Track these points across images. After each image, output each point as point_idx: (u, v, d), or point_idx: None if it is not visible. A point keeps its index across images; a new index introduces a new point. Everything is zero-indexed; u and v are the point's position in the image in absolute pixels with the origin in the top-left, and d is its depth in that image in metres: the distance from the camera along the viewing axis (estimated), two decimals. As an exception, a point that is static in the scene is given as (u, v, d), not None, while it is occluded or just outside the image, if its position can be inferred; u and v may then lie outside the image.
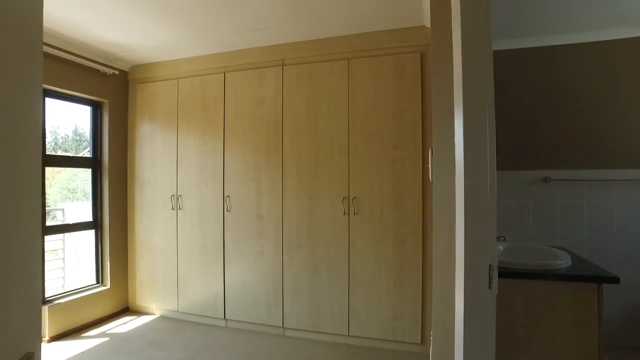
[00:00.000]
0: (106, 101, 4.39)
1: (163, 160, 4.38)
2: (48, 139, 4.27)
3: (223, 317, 4.11)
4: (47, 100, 3.92)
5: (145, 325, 4.22)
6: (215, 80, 4.17)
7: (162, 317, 4.41)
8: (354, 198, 3.61)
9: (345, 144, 3.65)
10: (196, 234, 4.22)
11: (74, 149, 4.83)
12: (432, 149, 2.09)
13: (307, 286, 3.77)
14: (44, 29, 3.55)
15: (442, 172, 2.00)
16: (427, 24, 3.15)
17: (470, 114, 1.32)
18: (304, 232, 3.79)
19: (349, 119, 3.64)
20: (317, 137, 3.75)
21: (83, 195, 4.59)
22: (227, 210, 4.07)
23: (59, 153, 4.55)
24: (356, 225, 3.62)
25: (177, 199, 4.29)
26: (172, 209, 4.32)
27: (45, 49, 3.67)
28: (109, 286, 4.40)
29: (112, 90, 4.43)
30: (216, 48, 4.03)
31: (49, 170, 4.52)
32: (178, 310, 4.33)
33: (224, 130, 4.10)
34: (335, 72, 3.70)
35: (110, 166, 4.41)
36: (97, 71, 4.21)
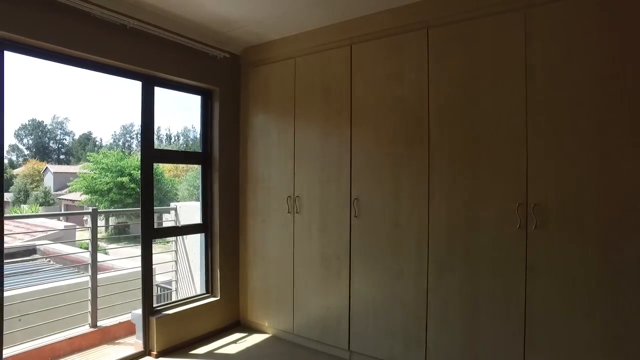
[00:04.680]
0: (216, 89, 3.89)
1: (278, 155, 3.75)
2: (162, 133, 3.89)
3: (347, 348, 3.33)
4: (157, 89, 3.51)
5: (257, 347, 3.62)
6: (338, 56, 3.40)
7: (275, 338, 3.78)
8: (535, 205, 2.55)
9: (519, 130, 2.60)
10: (316, 243, 3.50)
11: (186, 143, 4.47)
12: None
13: (460, 323, 2.81)
14: (148, 7, 3.09)
15: None
16: None
17: None
18: (458, 250, 2.83)
19: (527, 94, 2.58)
20: (477, 122, 2.76)
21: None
22: (355, 216, 3.27)
23: (169, 148, 4.18)
24: (539, 242, 2.55)
25: (294, 200, 3.62)
26: (289, 212, 3.65)
27: (152, 30, 3.22)
28: (218, 297, 3.90)
29: (223, 76, 3.92)
30: (340, 15, 3.25)
31: (180, 168, 4.18)
32: (293, 332, 3.67)
33: (351, 116, 3.31)
34: (504, 29, 2.67)
35: (221, 162, 3.90)
36: (207, 55, 3.71)
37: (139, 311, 3.43)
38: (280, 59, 3.76)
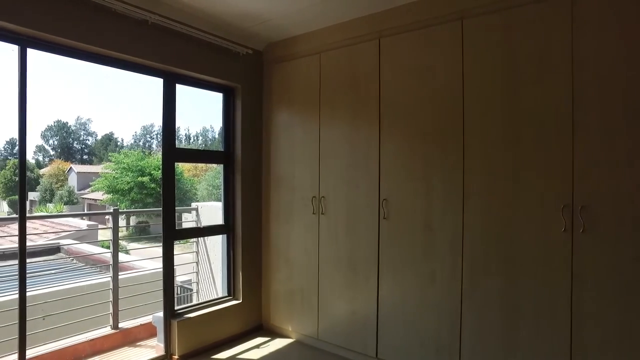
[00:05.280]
0: (239, 86, 3.78)
1: (303, 154, 3.61)
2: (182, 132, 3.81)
3: (374, 356, 3.18)
4: (178, 86, 3.42)
5: (280, 353, 3.50)
6: (366, 50, 3.24)
7: (299, 343, 3.65)
8: (582, 207, 2.35)
9: (565, 127, 2.41)
10: (342, 245, 3.36)
11: (204, 144, 4.38)
12: None
13: (499, 334, 2.62)
14: (170, 2, 3.00)
15: None
16: None
17: None
18: (496, 254, 2.64)
19: (574, 88, 2.39)
20: (517, 118, 2.57)
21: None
22: (384, 218, 3.11)
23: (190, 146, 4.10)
24: (586, 247, 2.35)
25: (320, 201, 3.48)
26: (314, 213, 3.52)
27: (174, 25, 3.13)
28: (241, 300, 3.79)
29: (245, 73, 3.81)
30: (367, 8, 3.10)
31: (199, 167, 4.11)
32: (318, 338, 3.53)
33: (380, 113, 3.16)
34: (547, 17, 2.48)
35: (243, 161, 3.79)
36: (230, 51, 3.61)
37: (160, 314, 3.35)
38: (304, 55, 3.62)
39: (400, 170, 3.05)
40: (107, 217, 3.97)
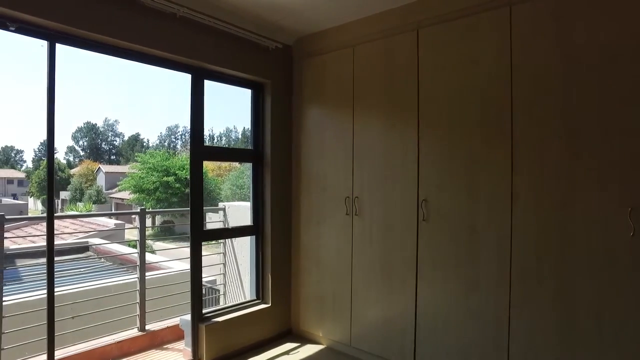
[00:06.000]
0: (268, 82, 3.65)
1: (335, 152, 3.46)
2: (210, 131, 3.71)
3: (412, 365, 2.99)
4: (206, 82, 3.32)
5: (312, 359, 3.35)
6: (403, 42, 3.06)
7: (330, 350, 3.49)
8: (650, 209, 2.11)
9: (635, 122, 2.17)
10: (378, 248, 3.18)
11: (228, 144, 4.28)
12: None
13: (555, 347, 2.39)
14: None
15: None
16: None
17: None
18: (549, 259, 2.42)
19: (641, 76, 2.14)
20: (575, 112, 2.34)
21: (249, 192, 3.93)
22: (423, 220, 2.92)
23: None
24: (656, 255, 2.11)
25: (353, 201, 3.31)
26: (347, 214, 3.35)
27: (202, 18, 3.01)
28: (270, 304, 3.66)
29: (275, 68, 3.68)
30: (406, -4, 2.93)
31: (223, 167, 4.01)
32: (350, 344, 3.37)
33: (418, 108, 2.97)
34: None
35: (273, 160, 3.66)
36: (259, 45, 3.48)
37: (188, 317, 3.25)
38: (336, 49, 3.46)
39: (442, 169, 2.85)
40: (133, 216, 3.91)
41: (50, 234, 2.57)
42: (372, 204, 3.21)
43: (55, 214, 2.59)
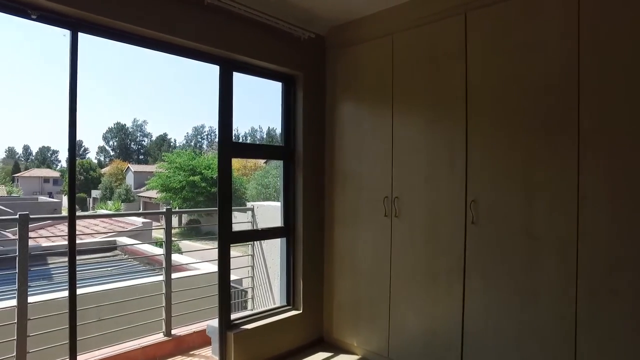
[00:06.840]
0: (300, 74, 3.44)
1: (372, 149, 3.21)
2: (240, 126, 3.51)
3: (459, 382, 2.72)
4: (235, 75, 3.13)
5: (347, 371, 3.12)
6: (449, 28, 2.78)
7: (365, 361, 3.25)
8: None
9: None
10: (420, 252, 2.92)
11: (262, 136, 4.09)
12: None
13: (631, 368, 2.08)
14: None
15: None
16: None
17: None
18: (625, 270, 2.11)
19: None
20: (655, 99, 2.02)
21: (274, 191, 3.74)
22: (472, 223, 2.64)
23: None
24: None
25: (392, 202, 3.06)
26: (385, 215, 3.10)
27: (231, 6, 2.82)
28: (301, 310, 3.45)
29: (307, 59, 3.46)
30: (451, -23, 2.65)
31: (248, 166, 3.83)
32: (388, 356, 3.11)
33: (467, 100, 2.68)
34: None
35: (305, 157, 3.44)
36: (290, 35, 3.27)
37: (215, 323, 3.07)
38: (374, 37, 3.21)
39: (493, 167, 2.56)
40: (160, 216, 3.77)
41: (72, 234, 2.43)
42: (414, 204, 2.94)
43: (77, 214, 2.44)
